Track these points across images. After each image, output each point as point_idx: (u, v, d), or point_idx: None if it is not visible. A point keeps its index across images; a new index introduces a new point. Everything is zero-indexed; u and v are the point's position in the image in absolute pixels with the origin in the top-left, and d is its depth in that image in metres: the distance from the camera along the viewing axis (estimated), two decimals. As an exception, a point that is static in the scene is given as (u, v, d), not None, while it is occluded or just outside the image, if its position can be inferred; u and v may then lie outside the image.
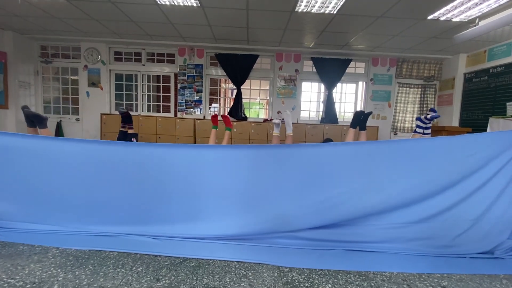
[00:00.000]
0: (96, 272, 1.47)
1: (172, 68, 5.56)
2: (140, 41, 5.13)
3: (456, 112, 5.09)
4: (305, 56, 5.48)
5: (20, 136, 1.92)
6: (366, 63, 5.62)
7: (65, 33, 4.93)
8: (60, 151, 1.89)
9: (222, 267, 1.56)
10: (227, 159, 1.90)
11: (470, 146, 1.79)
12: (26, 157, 1.88)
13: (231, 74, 5.42)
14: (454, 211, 1.77)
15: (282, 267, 1.59)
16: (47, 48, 5.52)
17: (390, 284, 1.46)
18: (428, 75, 5.48)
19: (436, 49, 4.83)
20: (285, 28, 4.18)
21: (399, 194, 1.80)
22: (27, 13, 4.01)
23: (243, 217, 1.87)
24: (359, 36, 4.39)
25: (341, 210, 1.82)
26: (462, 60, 5.00)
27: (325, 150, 1.89)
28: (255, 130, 5.11)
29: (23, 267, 1.49)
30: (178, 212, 1.89)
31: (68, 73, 5.61)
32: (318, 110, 5.80)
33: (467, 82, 4.92)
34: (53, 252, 1.66)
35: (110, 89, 5.61)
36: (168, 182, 1.89)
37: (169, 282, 1.40)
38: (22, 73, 5.23)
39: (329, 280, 1.48)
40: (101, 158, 1.89)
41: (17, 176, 1.90)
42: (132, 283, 1.38)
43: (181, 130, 5.11)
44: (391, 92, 5.59)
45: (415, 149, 1.82)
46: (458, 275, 1.57)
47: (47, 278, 1.40)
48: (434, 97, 5.57)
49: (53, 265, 1.52)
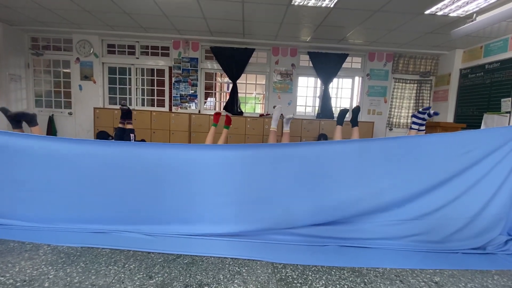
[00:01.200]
0: (87, 269, 1.45)
1: (166, 61, 5.47)
2: (134, 33, 5.02)
3: (451, 108, 5.11)
4: (302, 50, 5.43)
5: (11, 135, 1.87)
6: (363, 58, 5.59)
7: (57, 25, 4.79)
8: (54, 150, 1.85)
9: (216, 264, 1.56)
10: (223, 159, 1.88)
11: (466, 143, 1.79)
12: (17, 156, 1.83)
13: (227, 68, 5.35)
14: (448, 209, 1.78)
15: (276, 263, 1.59)
16: (38, 40, 5.38)
17: (383, 280, 1.47)
18: (425, 71, 5.47)
19: (433, 44, 4.81)
20: (282, 21, 4.12)
21: (394, 192, 1.80)
22: (16, 3, 3.88)
23: (238, 216, 1.86)
24: (356, 31, 4.35)
25: (336, 208, 1.83)
26: (458, 55, 4.99)
27: (320, 149, 1.88)
28: (251, 125, 5.08)
29: (13, 264, 1.47)
30: (173, 210, 1.88)
31: (60, 65, 5.48)
32: (314, 105, 5.78)
33: (463, 78, 4.93)
34: (44, 249, 1.64)
35: (103, 82, 5.51)
36: (163, 181, 1.87)
37: (162, 279, 1.39)
38: (13, 66, 5.09)
39: (323, 276, 1.48)
40: (94, 157, 1.86)
41: (7, 174, 1.86)
42: (124, 280, 1.37)
43: (176, 124, 5.06)
44: (387, 87, 5.58)
45: (410, 146, 1.82)
46: (450, 271, 1.58)
47: (38, 275, 1.38)
48: (429, 93, 5.58)
49: (44, 262, 1.50)
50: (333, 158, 1.84)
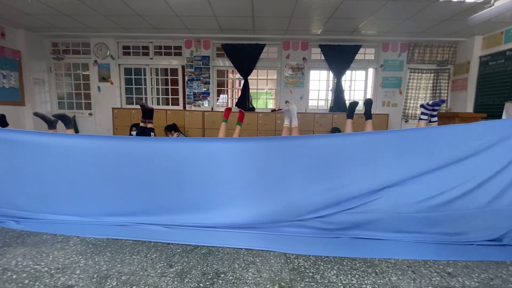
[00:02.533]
0: (113, 258, 1.57)
1: (179, 60, 5.60)
2: (147, 34, 5.16)
3: (471, 97, 4.92)
4: (313, 43, 5.38)
5: (38, 134, 2.03)
6: (376, 49, 5.47)
7: (75, 30, 5.01)
8: (78, 147, 1.98)
9: (231, 254, 1.64)
10: (237, 151, 1.94)
11: (482, 133, 1.76)
12: (46, 154, 1.98)
13: (238, 64, 5.40)
14: (464, 200, 1.76)
15: (288, 254, 1.65)
16: (58, 45, 5.65)
17: (395, 271, 1.49)
18: (442, 59, 5.28)
19: (450, 31, 4.63)
20: (292, 15, 4.11)
21: (406, 184, 1.80)
22: (37, 11, 4.10)
23: (252, 207, 1.92)
24: (369, 21, 4.26)
25: (350, 200, 1.85)
26: (478, 42, 4.77)
27: (333, 141, 1.90)
28: (263, 121, 5.12)
29: (47, 254, 1.61)
30: (190, 203, 1.97)
31: (79, 68, 5.74)
32: (327, 99, 5.73)
33: (483, 65, 4.72)
34: (74, 240, 1.78)
35: (120, 83, 5.72)
36: (180, 175, 1.96)
37: (181, 268, 1.49)
38: (36, 70, 5.39)
39: (334, 266, 1.53)
40: (116, 153, 1.98)
41: (38, 171, 2.01)
42: (147, 268, 1.47)
43: (190, 122, 5.19)
44: (402, 78, 5.44)
45: (424, 138, 1.81)
46: (464, 262, 1.58)
47: (70, 264, 1.51)
48: (447, 82, 5.38)
49: (75, 252, 1.63)
50: (347, 151, 1.86)
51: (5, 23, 4.72)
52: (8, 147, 1.99)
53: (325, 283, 1.37)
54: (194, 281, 1.37)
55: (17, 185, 2.03)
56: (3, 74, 4.76)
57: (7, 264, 1.50)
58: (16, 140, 1.99)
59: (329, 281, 1.39)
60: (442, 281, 1.40)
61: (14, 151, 1.99)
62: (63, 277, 1.38)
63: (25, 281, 1.35)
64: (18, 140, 1.98)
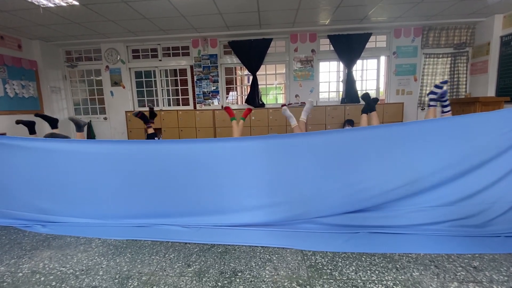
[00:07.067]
0: (134, 259, 1.61)
1: (188, 60, 5.63)
2: (155, 36, 5.22)
3: (492, 80, 4.66)
4: (321, 34, 5.25)
5: (59, 141, 2.10)
6: (388, 36, 5.27)
7: (85, 37, 5.14)
8: (98, 153, 2.04)
9: (247, 252, 1.64)
10: (253, 151, 1.93)
11: (507, 121, 1.66)
12: (69, 160, 2.06)
13: (246, 60, 5.37)
14: (489, 192, 1.68)
15: (305, 251, 1.63)
16: (71, 53, 5.82)
17: (416, 265, 1.44)
18: (459, 42, 5.02)
19: (467, 12, 4.38)
20: (298, 7, 4.02)
21: (427, 177, 1.74)
22: (49, 21, 4.23)
23: (269, 206, 1.91)
24: (379, 7, 4.10)
25: (368, 195, 1.80)
26: (498, 21, 4.50)
27: (348, 136, 1.86)
28: (274, 116, 5.08)
29: (72, 256, 1.67)
30: (206, 203, 1.99)
31: (92, 74, 5.90)
32: (338, 90, 5.60)
33: (504, 46, 4.45)
34: (96, 242, 1.84)
35: (132, 87, 5.83)
36: (196, 176, 1.98)
37: (199, 267, 1.51)
38: (52, 79, 5.59)
39: (353, 262, 1.50)
40: (134, 157, 2.02)
41: (62, 177, 2.09)
42: (166, 268, 1.50)
43: (201, 121, 5.23)
44: (416, 64, 5.23)
45: (445, 129, 1.73)
46: (491, 255, 1.51)
47: (93, 265, 1.56)
48: (466, 66, 5.12)
49: (97, 254, 1.69)
50: (364, 145, 1.81)
51: (21, 35, 4.90)
52: (34, 155, 2.07)
53: (344, 279, 1.35)
54: (212, 280, 1.38)
55: (43, 190, 2.12)
56: (22, 85, 4.97)
57: (35, 266, 1.57)
58: (42, 148, 2.07)
59: (348, 278, 1.36)
60: (468, 276, 1.34)
61: (40, 158, 2.07)
62: (87, 278, 1.43)
63: (52, 283, 1.41)
64: (43, 148, 2.07)
